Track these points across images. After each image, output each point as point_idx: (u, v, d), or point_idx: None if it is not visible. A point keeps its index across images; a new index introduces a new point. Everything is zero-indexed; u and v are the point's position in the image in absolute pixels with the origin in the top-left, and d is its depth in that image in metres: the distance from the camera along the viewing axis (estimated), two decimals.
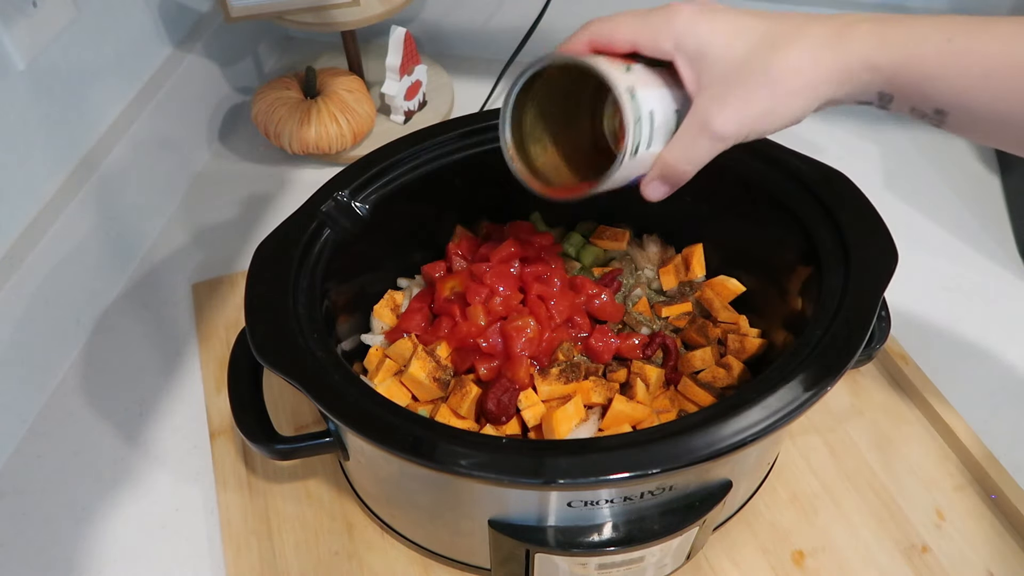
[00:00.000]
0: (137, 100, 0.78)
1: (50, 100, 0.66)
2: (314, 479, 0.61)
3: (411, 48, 0.85)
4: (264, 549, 0.57)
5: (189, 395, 0.68)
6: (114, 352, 0.71)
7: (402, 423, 0.43)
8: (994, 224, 0.81)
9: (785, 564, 0.56)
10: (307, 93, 0.85)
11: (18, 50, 0.62)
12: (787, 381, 0.43)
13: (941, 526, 0.58)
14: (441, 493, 0.49)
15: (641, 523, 0.47)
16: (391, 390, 0.55)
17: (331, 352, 0.47)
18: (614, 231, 0.67)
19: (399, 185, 0.58)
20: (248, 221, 0.83)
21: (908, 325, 0.70)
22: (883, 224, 0.52)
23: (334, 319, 0.55)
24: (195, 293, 0.75)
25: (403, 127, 0.91)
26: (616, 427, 0.53)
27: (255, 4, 0.79)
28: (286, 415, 0.65)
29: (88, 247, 0.71)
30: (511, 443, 0.43)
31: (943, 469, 0.61)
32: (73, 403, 0.67)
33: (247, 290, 0.50)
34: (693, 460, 0.41)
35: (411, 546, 0.56)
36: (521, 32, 0.94)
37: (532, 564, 0.49)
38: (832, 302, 0.48)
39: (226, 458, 0.62)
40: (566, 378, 0.54)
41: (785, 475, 0.61)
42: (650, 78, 0.44)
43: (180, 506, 0.61)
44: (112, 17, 0.74)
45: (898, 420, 0.64)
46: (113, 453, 0.64)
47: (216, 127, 0.92)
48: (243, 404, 0.51)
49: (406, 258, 0.65)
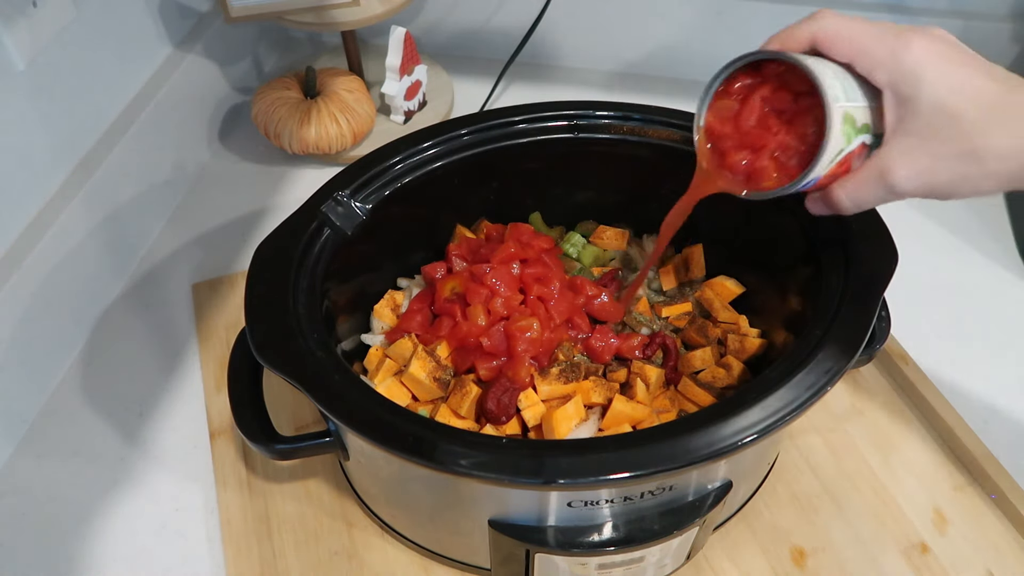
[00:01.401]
0: (137, 100, 0.78)
1: (50, 100, 0.66)
2: (314, 479, 0.61)
3: (411, 48, 0.85)
4: (264, 549, 0.57)
5: (189, 395, 0.68)
6: (114, 352, 0.71)
7: (402, 423, 0.43)
8: (994, 224, 0.81)
9: (785, 564, 0.56)
10: (307, 93, 0.85)
11: (18, 50, 0.62)
12: (787, 381, 0.43)
13: (941, 526, 0.58)
14: (441, 493, 0.49)
15: (641, 523, 0.47)
16: (391, 390, 0.55)
17: (331, 352, 0.47)
18: (614, 231, 0.67)
19: (399, 185, 0.58)
20: (248, 221, 0.83)
21: (908, 325, 0.70)
22: (883, 224, 0.52)
23: (334, 319, 0.56)
24: (195, 293, 0.75)
25: (403, 127, 0.91)
26: (616, 427, 0.53)
27: (255, 4, 0.79)
28: (286, 415, 0.65)
29: (88, 247, 0.71)
30: (511, 443, 0.43)
31: (943, 469, 0.61)
32: (73, 403, 0.67)
33: (247, 290, 0.50)
34: (693, 460, 0.41)
35: (411, 546, 0.56)
36: (521, 32, 0.94)
37: (532, 564, 0.49)
38: (832, 302, 0.48)
39: (226, 458, 0.62)
40: (566, 378, 0.54)
41: (785, 475, 0.61)
42: (858, 97, 0.43)
43: (180, 506, 0.61)
44: (112, 17, 0.73)
45: (898, 420, 0.64)
46: (113, 453, 0.64)
47: (216, 127, 0.92)
48: (243, 404, 0.51)
49: (406, 258, 0.65)
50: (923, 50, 0.40)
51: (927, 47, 0.40)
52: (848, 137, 0.43)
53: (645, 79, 1.01)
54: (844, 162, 0.44)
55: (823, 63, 0.43)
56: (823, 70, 0.42)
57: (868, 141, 0.44)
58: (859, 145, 0.43)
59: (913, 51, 0.40)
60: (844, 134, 0.42)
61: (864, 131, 0.43)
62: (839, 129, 0.42)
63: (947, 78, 0.39)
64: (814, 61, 0.43)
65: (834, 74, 0.43)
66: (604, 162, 0.63)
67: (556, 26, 0.97)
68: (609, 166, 0.64)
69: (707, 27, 0.95)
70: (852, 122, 0.42)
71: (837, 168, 0.44)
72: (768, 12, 0.91)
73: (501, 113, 0.62)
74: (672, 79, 1.00)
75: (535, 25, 0.93)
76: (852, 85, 0.43)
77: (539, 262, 0.59)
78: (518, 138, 0.61)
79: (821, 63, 0.43)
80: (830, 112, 0.41)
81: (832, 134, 0.42)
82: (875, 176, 0.42)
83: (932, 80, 0.39)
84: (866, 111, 0.43)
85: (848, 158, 0.44)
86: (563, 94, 0.88)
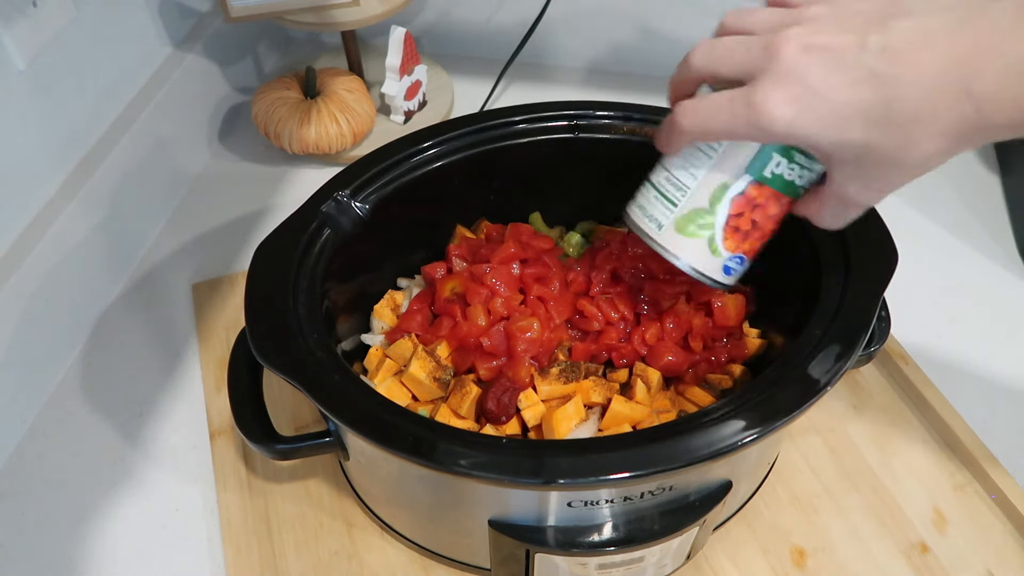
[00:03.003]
0: (137, 100, 0.78)
1: (50, 100, 0.66)
2: (314, 479, 0.61)
3: (411, 48, 0.85)
4: (264, 549, 0.57)
5: (189, 395, 0.68)
6: (114, 352, 0.71)
7: (402, 423, 0.43)
8: (994, 224, 0.81)
9: (785, 564, 0.56)
10: (307, 93, 0.85)
11: (18, 50, 0.62)
12: (787, 381, 0.43)
13: (941, 526, 0.58)
14: (441, 493, 0.49)
15: (641, 523, 0.47)
16: (391, 390, 0.55)
17: (331, 352, 0.47)
18: (614, 231, 0.67)
19: (399, 185, 0.58)
20: (248, 221, 0.83)
21: (908, 325, 0.70)
22: (883, 224, 0.52)
23: (334, 319, 0.56)
24: (195, 293, 0.75)
25: (403, 127, 0.91)
26: (615, 428, 0.53)
27: (255, 4, 0.79)
28: (286, 415, 0.65)
29: (88, 247, 0.71)
30: (511, 443, 0.43)
31: (943, 469, 0.61)
32: (73, 403, 0.67)
33: (247, 290, 0.50)
34: (693, 460, 0.41)
35: (411, 546, 0.56)
36: (521, 32, 0.94)
37: (532, 564, 0.49)
38: (832, 302, 0.48)
39: (226, 458, 0.62)
40: (566, 378, 0.54)
41: (785, 475, 0.61)
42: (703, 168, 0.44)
43: (180, 506, 0.61)
44: (112, 17, 0.74)
45: (898, 420, 0.64)
46: (113, 453, 0.64)
47: (216, 127, 0.92)
48: (243, 404, 0.51)
49: (406, 258, 0.65)
50: (781, 110, 0.37)
51: (781, 103, 0.37)
52: (701, 218, 0.45)
53: (645, 79, 1.01)
54: (738, 206, 0.44)
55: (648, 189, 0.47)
56: (641, 209, 0.47)
57: (746, 182, 0.44)
58: (746, 187, 0.44)
59: (775, 118, 0.37)
60: (690, 230, 0.45)
61: (722, 192, 0.44)
62: (675, 238, 0.45)
63: (826, 125, 0.37)
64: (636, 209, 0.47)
65: (656, 191, 0.46)
66: (604, 162, 0.63)
67: (556, 26, 0.97)
68: (609, 166, 0.64)
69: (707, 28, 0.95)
70: (695, 217, 0.45)
71: (744, 205, 0.44)
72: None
73: (501, 113, 0.62)
74: None
75: (535, 25, 0.93)
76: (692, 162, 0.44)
77: (539, 262, 0.59)
78: (518, 138, 0.61)
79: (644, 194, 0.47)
80: (663, 246, 0.46)
81: (671, 248, 0.45)
82: (843, 205, 0.42)
83: (815, 132, 0.37)
84: (713, 174, 0.44)
85: (734, 212, 0.44)
86: (563, 94, 0.88)
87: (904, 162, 0.37)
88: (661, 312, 0.58)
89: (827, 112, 0.37)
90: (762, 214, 0.45)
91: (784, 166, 0.43)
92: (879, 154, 0.37)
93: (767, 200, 0.44)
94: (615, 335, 0.56)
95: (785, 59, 0.37)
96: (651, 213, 0.46)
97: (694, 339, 0.57)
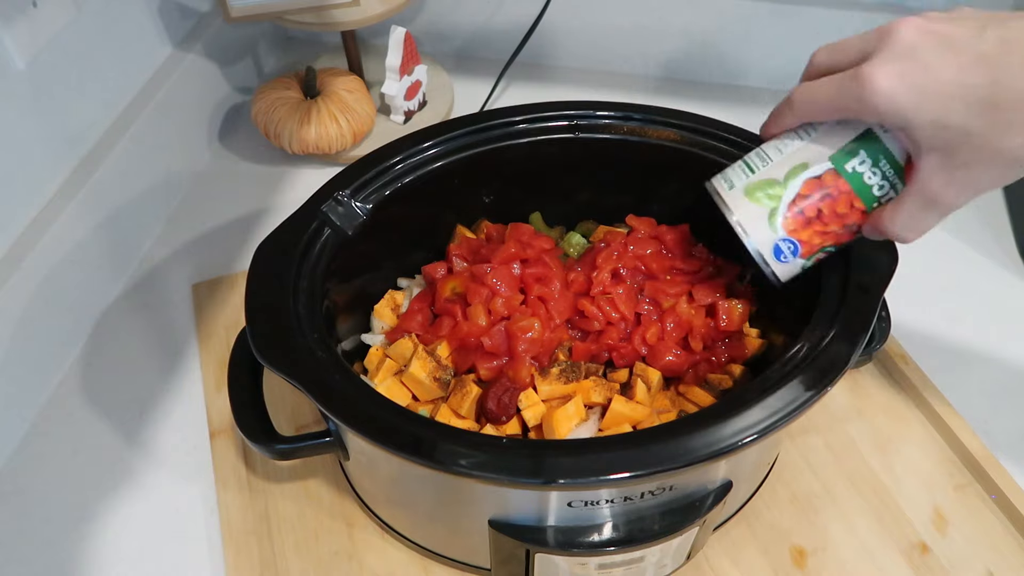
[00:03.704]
0: (137, 100, 0.78)
1: (50, 100, 0.66)
2: (314, 479, 0.61)
3: (411, 48, 0.85)
4: (264, 549, 0.57)
5: (189, 395, 0.68)
6: (114, 352, 0.71)
7: (402, 423, 0.43)
8: (994, 224, 0.81)
9: (785, 564, 0.56)
10: (307, 93, 0.85)
11: (18, 50, 0.62)
12: (787, 381, 0.43)
13: (941, 526, 0.58)
14: (441, 493, 0.49)
15: (641, 523, 0.47)
16: (391, 390, 0.55)
17: (331, 352, 0.47)
18: (614, 231, 0.67)
19: (399, 185, 0.58)
20: (248, 221, 0.83)
21: (908, 325, 0.70)
22: None
23: (334, 319, 0.55)
24: (195, 293, 0.75)
25: (403, 127, 0.91)
26: (616, 428, 0.53)
27: (255, 4, 0.79)
28: (286, 415, 0.65)
29: (88, 247, 0.71)
30: (511, 443, 0.43)
31: (943, 469, 0.61)
32: (73, 403, 0.67)
33: (247, 290, 0.50)
34: (693, 460, 0.41)
35: (411, 546, 0.56)
36: (521, 32, 0.94)
37: (532, 564, 0.49)
38: (832, 302, 0.48)
39: (226, 458, 0.62)
40: (566, 378, 0.54)
41: (785, 475, 0.61)
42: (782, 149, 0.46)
43: (180, 506, 0.61)
44: (112, 17, 0.73)
45: (898, 420, 0.64)
46: (113, 453, 0.64)
47: (216, 127, 0.92)
48: (243, 404, 0.51)
49: (406, 258, 0.65)
50: (886, 82, 0.38)
51: (888, 76, 0.38)
52: (771, 188, 0.46)
53: (644, 79, 1.01)
54: (810, 188, 0.45)
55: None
56: (723, 175, 0.48)
57: (825, 168, 0.45)
58: (823, 172, 0.45)
59: (877, 89, 0.38)
60: (757, 195, 0.46)
61: (800, 171, 0.45)
62: (739, 198, 0.46)
63: (928, 101, 0.38)
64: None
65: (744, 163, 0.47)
66: (604, 162, 0.63)
67: (556, 26, 0.97)
68: (609, 166, 0.64)
69: (708, 28, 0.95)
70: (766, 186, 0.46)
71: (815, 188, 0.45)
72: (768, 12, 0.91)
73: (501, 113, 0.62)
74: (672, 79, 1.00)
75: (535, 25, 0.93)
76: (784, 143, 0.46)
77: (539, 262, 0.59)
78: (518, 138, 0.61)
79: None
80: (725, 202, 0.47)
81: (745, 225, 0.46)
82: (923, 204, 0.42)
83: (914, 108, 0.38)
84: (795, 154, 0.45)
85: (805, 192, 0.45)
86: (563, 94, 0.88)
87: (999, 152, 0.37)
88: (662, 312, 0.58)
89: (931, 89, 0.37)
90: (830, 207, 0.45)
91: (867, 167, 0.44)
92: (975, 141, 0.37)
93: (840, 194, 0.45)
94: (615, 335, 0.56)
95: (901, 39, 0.38)
96: (729, 177, 0.48)
97: (694, 339, 0.57)
